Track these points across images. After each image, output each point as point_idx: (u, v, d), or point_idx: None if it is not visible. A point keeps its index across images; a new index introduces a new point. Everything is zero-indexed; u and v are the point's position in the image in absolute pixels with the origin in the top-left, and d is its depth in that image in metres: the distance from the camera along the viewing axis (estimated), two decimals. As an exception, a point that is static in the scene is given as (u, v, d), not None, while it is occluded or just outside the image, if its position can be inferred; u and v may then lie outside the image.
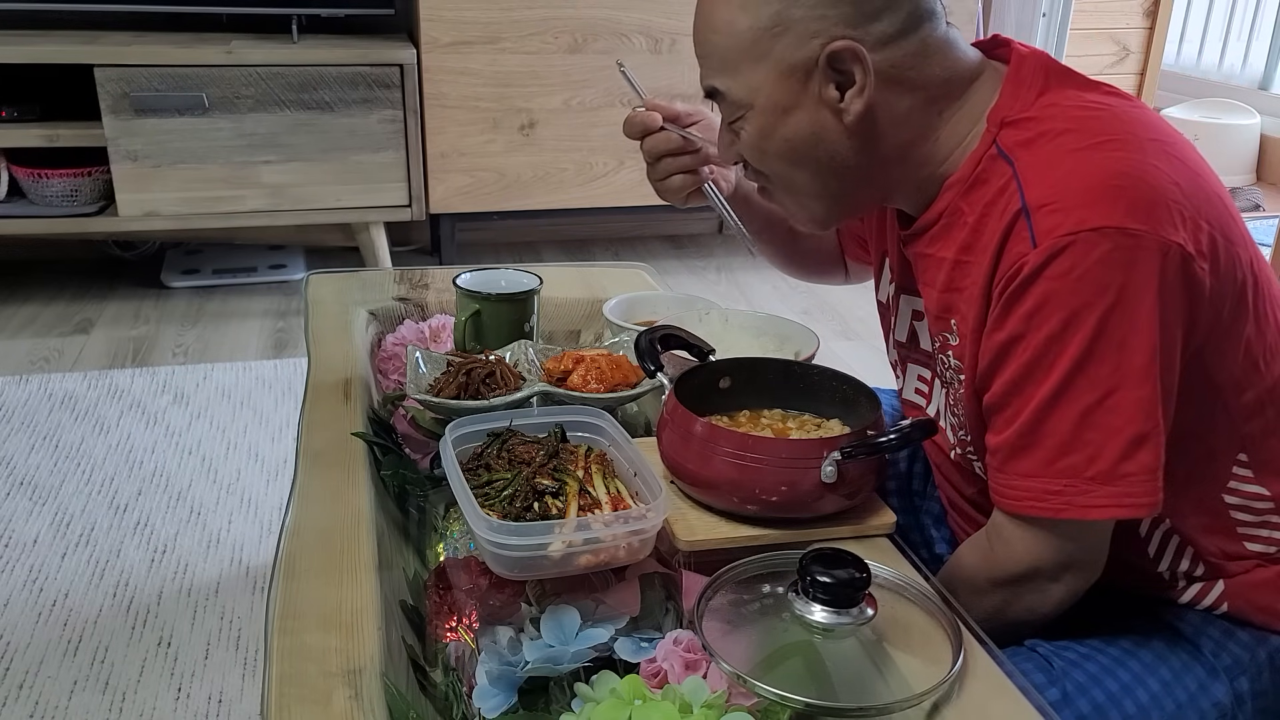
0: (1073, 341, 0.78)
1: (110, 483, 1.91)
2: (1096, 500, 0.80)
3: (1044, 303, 0.79)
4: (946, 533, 1.12)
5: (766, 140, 0.89)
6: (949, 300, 0.90)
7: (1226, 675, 0.89)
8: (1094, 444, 0.79)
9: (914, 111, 0.87)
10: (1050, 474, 0.81)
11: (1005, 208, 0.82)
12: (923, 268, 0.94)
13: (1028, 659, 0.89)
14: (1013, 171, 0.82)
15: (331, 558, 0.84)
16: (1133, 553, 0.92)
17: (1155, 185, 0.78)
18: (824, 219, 0.95)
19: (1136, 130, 0.82)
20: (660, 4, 2.81)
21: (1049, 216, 0.78)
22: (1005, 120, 0.85)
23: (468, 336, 1.16)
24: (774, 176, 0.93)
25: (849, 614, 0.74)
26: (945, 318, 0.91)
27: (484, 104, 2.78)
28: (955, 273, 0.88)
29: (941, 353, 0.93)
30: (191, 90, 2.50)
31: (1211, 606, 0.93)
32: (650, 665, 0.73)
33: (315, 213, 2.69)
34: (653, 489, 0.82)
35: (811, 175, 0.90)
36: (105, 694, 1.41)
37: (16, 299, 2.76)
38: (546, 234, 3.36)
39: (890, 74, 0.84)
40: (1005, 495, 0.85)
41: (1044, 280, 0.78)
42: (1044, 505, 0.82)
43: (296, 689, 0.70)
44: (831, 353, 2.55)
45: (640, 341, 0.97)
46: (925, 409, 1.03)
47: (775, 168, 0.91)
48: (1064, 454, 0.80)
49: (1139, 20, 3.39)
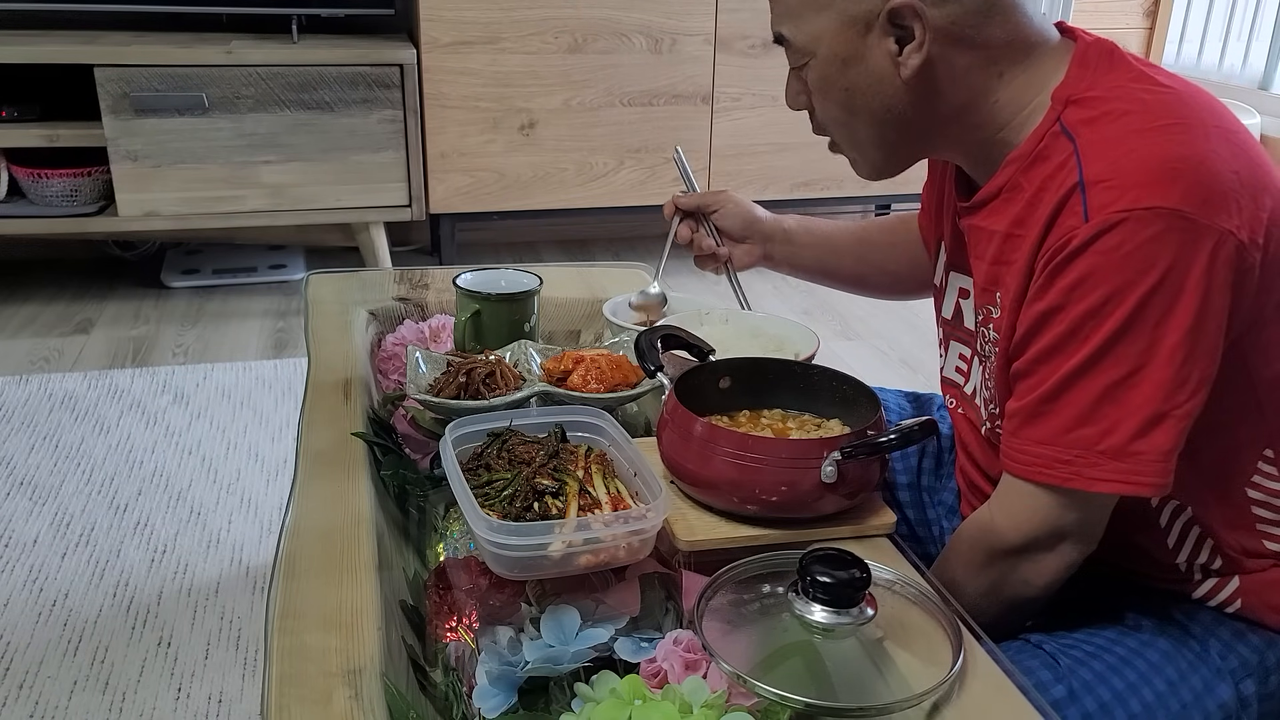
0: (1110, 317, 0.79)
1: (110, 483, 1.91)
2: (1103, 474, 0.81)
3: (1087, 276, 0.79)
4: (959, 523, 1.12)
5: (827, 89, 0.91)
6: (996, 273, 0.90)
7: (1232, 677, 0.89)
8: (1110, 418, 0.80)
9: (972, 71, 0.87)
10: (1063, 443, 0.82)
11: (1062, 182, 0.82)
12: (975, 240, 0.94)
13: (1034, 655, 0.89)
14: (1074, 148, 0.82)
15: (331, 558, 0.84)
16: (1152, 542, 0.92)
17: (1214, 171, 0.78)
18: (880, 168, 0.96)
19: (1200, 115, 0.82)
20: (660, 4, 2.81)
21: (1104, 192, 0.78)
22: (1070, 99, 0.85)
23: (468, 336, 1.16)
24: (834, 124, 0.95)
25: (849, 614, 0.74)
26: (991, 290, 0.91)
27: (484, 104, 2.78)
28: (1005, 246, 0.89)
29: (983, 325, 0.94)
30: (191, 90, 2.50)
31: (1225, 603, 0.93)
32: (650, 665, 0.73)
33: (315, 213, 2.69)
34: (653, 489, 0.82)
35: (868, 125, 0.91)
36: (105, 694, 1.41)
37: (16, 299, 2.76)
38: (546, 234, 3.36)
39: (950, 31, 0.85)
40: (1015, 459, 0.86)
41: (1091, 254, 0.78)
42: (1052, 473, 0.83)
43: (296, 689, 0.70)
44: (831, 353, 2.55)
45: (640, 341, 0.97)
46: (963, 387, 1.04)
47: (835, 115, 0.93)
48: (1080, 425, 0.81)
49: (1139, 20, 3.38)
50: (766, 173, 3.05)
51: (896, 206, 3.50)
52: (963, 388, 1.04)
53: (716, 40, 2.89)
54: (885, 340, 2.69)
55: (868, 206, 3.53)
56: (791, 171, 3.06)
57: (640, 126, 2.91)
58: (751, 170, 3.04)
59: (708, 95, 2.94)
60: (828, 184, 3.11)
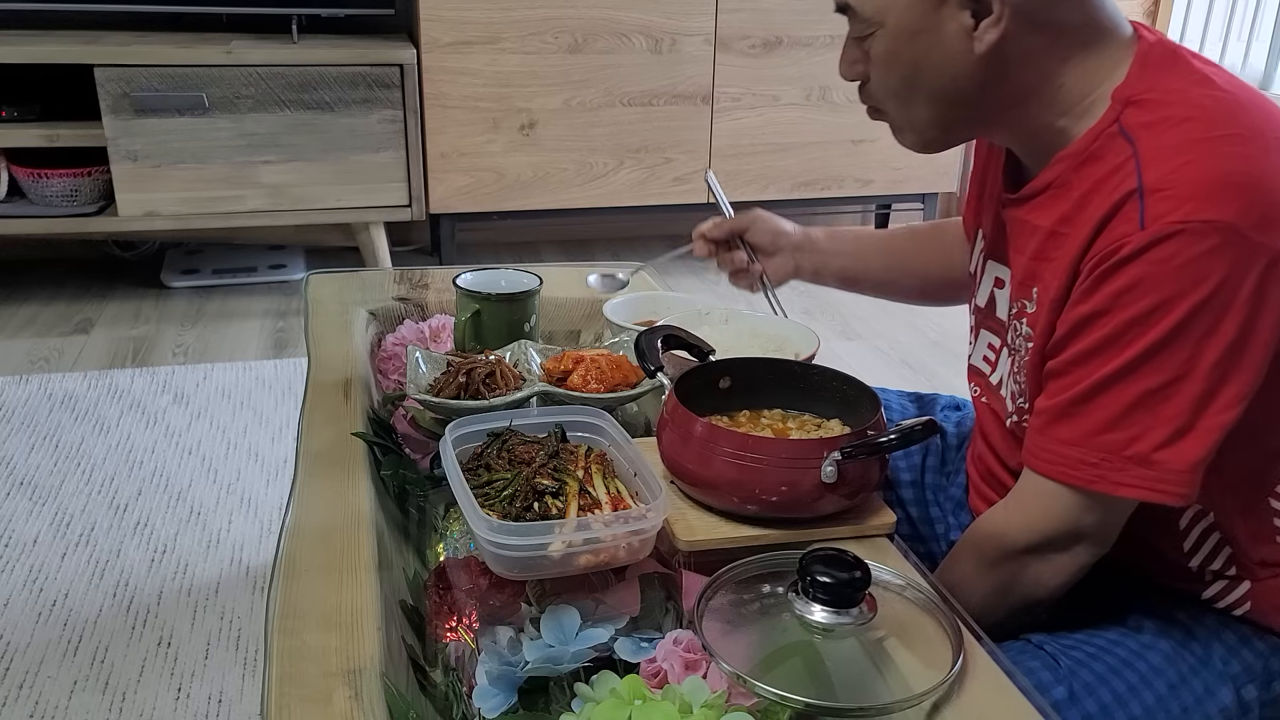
0: (1155, 327, 0.78)
1: (110, 483, 1.91)
2: (1128, 479, 0.81)
3: (1136, 284, 0.79)
4: (967, 518, 1.12)
5: (892, 61, 0.88)
6: (1035, 268, 0.90)
7: (1234, 682, 0.89)
8: (1141, 425, 0.80)
9: (1041, 53, 0.85)
10: (1090, 445, 0.82)
11: (1117, 186, 0.81)
12: (1017, 233, 0.94)
13: (1035, 656, 0.89)
14: (1133, 151, 0.81)
15: (331, 558, 0.84)
16: (1167, 544, 0.92)
17: (1272, 188, 0.77)
18: (929, 144, 0.95)
19: (1261, 125, 0.81)
20: (660, 4, 2.81)
21: (1163, 202, 0.78)
22: (1130, 99, 0.84)
23: (468, 336, 1.16)
24: (892, 97, 0.91)
25: (849, 614, 0.74)
26: (1028, 285, 0.91)
27: (484, 104, 2.78)
28: (1048, 242, 0.88)
29: (1016, 319, 0.94)
30: (191, 90, 2.50)
31: (1233, 605, 0.93)
32: (650, 665, 0.73)
33: (315, 213, 2.69)
34: (653, 489, 0.82)
35: (930, 102, 0.89)
36: (105, 694, 1.41)
37: (16, 299, 2.76)
38: (546, 234, 3.36)
39: (1025, 8, 0.83)
40: (1040, 457, 0.86)
41: (1143, 262, 0.78)
42: (1076, 474, 0.83)
43: (296, 689, 0.70)
44: (831, 353, 2.55)
45: (640, 341, 0.97)
46: (988, 376, 1.03)
47: (895, 89, 0.90)
48: (1109, 429, 0.81)
49: (1138, 20, 3.40)
50: (766, 173, 3.05)
51: (897, 207, 3.50)
52: (988, 377, 1.04)
53: (716, 40, 2.89)
54: (885, 340, 2.69)
55: (868, 206, 3.53)
56: (791, 171, 3.06)
57: (640, 126, 2.91)
58: (751, 170, 3.04)
59: (708, 95, 2.94)
60: (828, 184, 3.11)
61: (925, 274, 1.27)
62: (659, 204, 3.02)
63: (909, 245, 1.29)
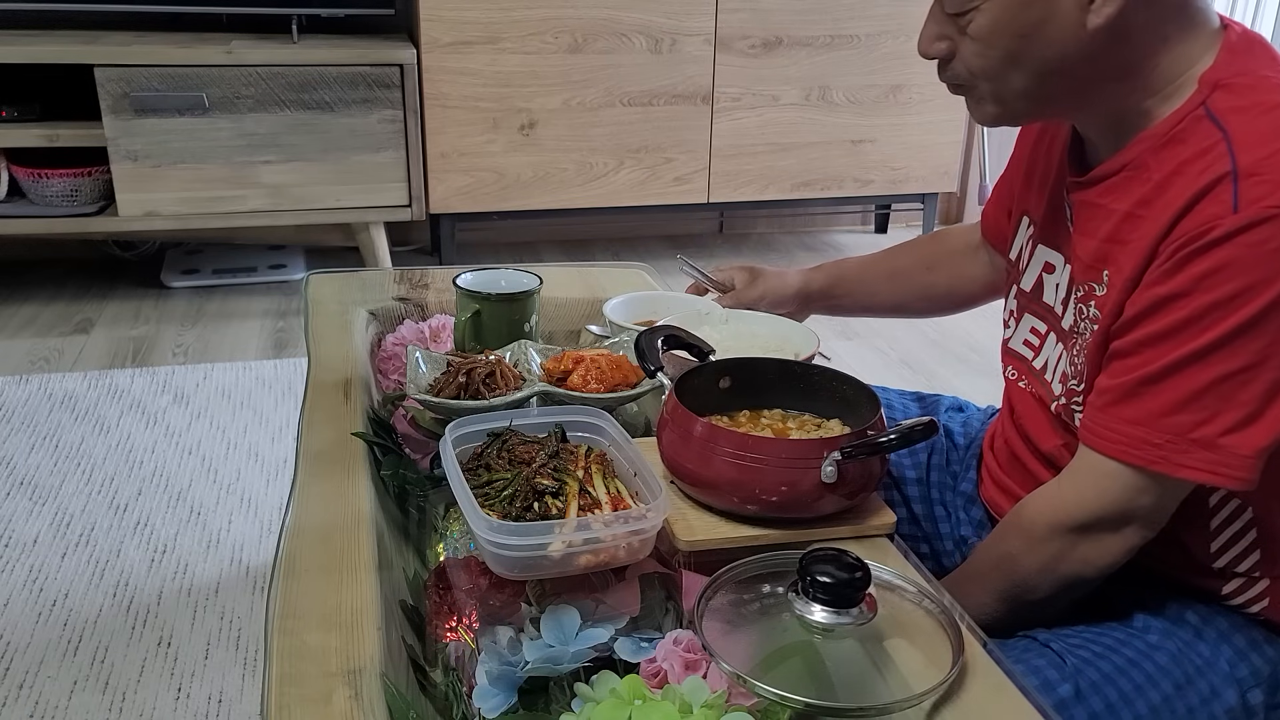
0: (1238, 311, 0.78)
1: (110, 483, 1.91)
2: (1191, 461, 0.81)
3: (1223, 267, 0.78)
4: (978, 514, 1.12)
5: (996, 35, 0.85)
6: (1108, 251, 0.88)
7: (1240, 685, 0.89)
8: (1211, 409, 0.80)
9: (1146, 31, 0.84)
10: (1156, 426, 0.82)
11: (1206, 168, 0.80)
12: (1086, 216, 0.92)
13: (1040, 654, 0.89)
14: (1223, 135, 0.81)
15: (331, 558, 0.84)
16: (1197, 540, 0.92)
17: None
18: (1018, 117, 0.93)
19: None
20: (660, 4, 2.81)
21: (1258, 185, 0.77)
22: (1218, 83, 0.84)
23: (468, 336, 1.16)
24: (985, 73, 0.88)
25: (849, 614, 0.74)
26: (1098, 267, 0.90)
27: (484, 104, 2.78)
28: (1124, 225, 0.87)
29: (1082, 302, 0.92)
30: (191, 90, 2.50)
31: (1248, 603, 0.93)
32: (650, 665, 0.73)
33: (315, 213, 2.69)
34: (653, 489, 0.82)
35: (1030, 76, 0.86)
36: (105, 694, 1.41)
37: (16, 299, 2.76)
38: (546, 234, 3.36)
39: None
40: (1100, 435, 0.86)
41: (1233, 245, 0.78)
42: (1138, 453, 0.83)
43: (296, 689, 0.70)
44: (831, 353, 2.55)
45: (640, 341, 0.97)
46: (1030, 361, 1.02)
47: (993, 63, 0.87)
48: (1177, 411, 0.81)
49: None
50: (766, 173, 3.05)
51: (896, 207, 3.50)
52: (1030, 361, 1.02)
53: (716, 40, 2.89)
54: (885, 340, 2.69)
55: (867, 207, 3.53)
56: (791, 171, 3.06)
57: (640, 126, 2.91)
58: (751, 170, 3.04)
59: (708, 95, 2.94)
60: (827, 184, 3.11)
61: (930, 294, 1.27)
62: (659, 204, 3.02)
63: (909, 263, 1.29)
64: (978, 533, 1.11)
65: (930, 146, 3.16)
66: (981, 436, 1.17)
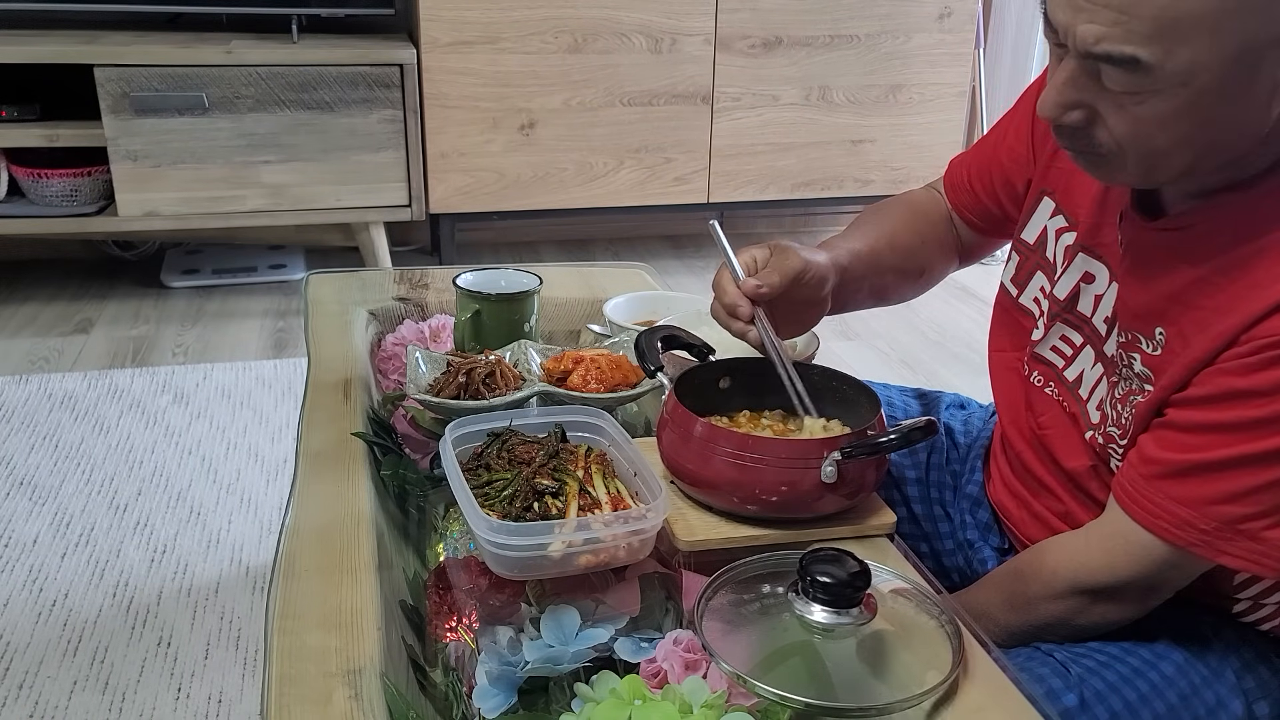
0: None
1: (110, 483, 1.91)
2: (1234, 550, 0.80)
3: None
4: (984, 515, 1.10)
5: (1178, 119, 0.74)
6: (1166, 309, 0.83)
7: (1246, 697, 0.89)
8: (1263, 506, 0.78)
9: None
10: (1205, 512, 0.80)
11: None
12: (1145, 260, 0.86)
13: (1044, 663, 0.88)
14: None
15: (331, 558, 0.84)
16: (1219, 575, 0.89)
17: None
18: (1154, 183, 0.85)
19: None
20: (660, 4, 2.81)
21: None
22: None
23: (468, 336, 1.16)
24: (1139, 149, 0.77)
25: (849, 614, 0.74)
26: (1151, 322, 0.85)
27: (484, 104, 2.78)
28: (1193, 288, 0.82)
29: (1125, 349, 0.88)
30: (191, 90, 2.50)
31: (1260, 621, 0.93)
32: (650, 665, 0.73)
33: (315, 213, 2.69)
34: (653, 489, 0.82)
35: (1190, 155, 0.77)
36: (105, 694, 1.41)
37: (16, 299, 2.76)
38: (546, 234, 3.36)
39: None
40: (1143, 506, 0.83)
41: None
42: (1181, 534, 0.81)
43: (296, 689, 0.70)
44: (832, 353, 2.55)
45: (640, 341, 0.97)
46: (1061, 370, 0.98)
47: (1160, 145, 0.77)
48: (1230, 502, 0.79)
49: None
50: (766, 173, 3.05)
51: (896, 206, 3.49)
52: (1061, 371, 0.98)
53: (716, 40, 2.89)
54: (885, 340, 2.69)
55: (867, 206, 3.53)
56: (791, 171, 3.06)
57: (640, 126, 2.91)
58: (751, 170, 3.04)
59: (708, 95, 2.94)
60: (827, 184, 3.10)
61: (929, 270, 1.16)
62: (659, 204, 3.02)
63: (913, 242, 1.14)
64: (984, 536, 1.10)
65: (930, 146, 3.16)
66: (984, 435, 1.16)
